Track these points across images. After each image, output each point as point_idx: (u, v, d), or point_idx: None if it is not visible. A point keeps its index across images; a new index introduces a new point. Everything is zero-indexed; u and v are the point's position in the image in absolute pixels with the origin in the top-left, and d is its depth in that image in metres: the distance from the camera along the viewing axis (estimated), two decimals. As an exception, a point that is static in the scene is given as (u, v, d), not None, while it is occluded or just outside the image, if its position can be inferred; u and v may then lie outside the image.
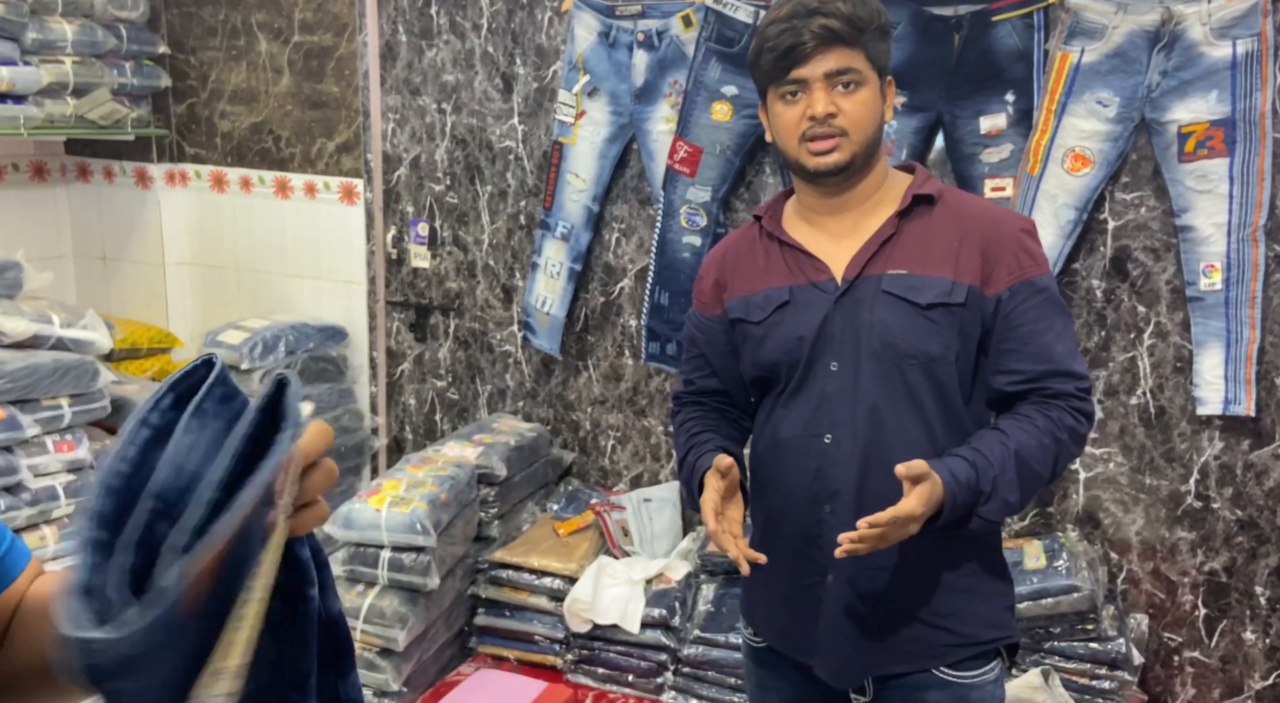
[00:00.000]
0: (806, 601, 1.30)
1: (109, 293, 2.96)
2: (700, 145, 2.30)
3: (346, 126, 2.71)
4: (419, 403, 2.83)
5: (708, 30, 2.24)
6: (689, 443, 1.38)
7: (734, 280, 1.36)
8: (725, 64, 2.24)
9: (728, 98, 2.26)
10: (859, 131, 1.24)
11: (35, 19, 2.39)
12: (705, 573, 2.27)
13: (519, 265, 2.64)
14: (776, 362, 1.30)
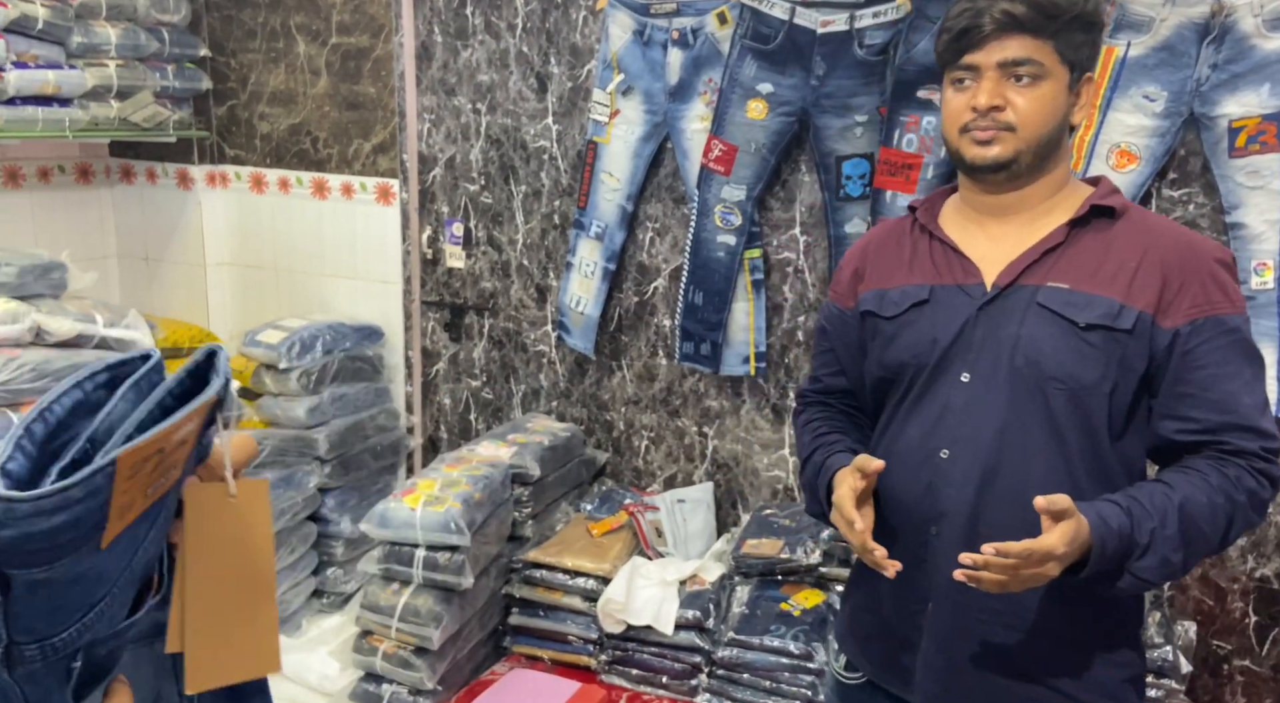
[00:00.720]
0: (906, 628, 1.21)
1: (152, 293, 3.01)
2: (735, 143, 2.28)
3: (383, 127, 2.73)
4: (454, 402, 2.85)
5: (743, 27, 2.23)
6: (815, 443, 1.29)
7: (873, 271, 1.28)
8: (760, 61, 2.22)
9: (763, 95, 2.24)
10: (1029, 129, 1.13)
11: (80, 23, 2.43)
12: (739, 575, 2.25)
13: (553, 265, 2.64)
14: (903, 363, 1.21)
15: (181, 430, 0.51)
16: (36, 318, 2.03)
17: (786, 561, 2.16)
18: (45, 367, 2.00)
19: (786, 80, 2.22)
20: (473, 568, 2.08)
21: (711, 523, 2.49)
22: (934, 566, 1.15)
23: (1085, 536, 1.02)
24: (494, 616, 2.31)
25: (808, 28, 2.18)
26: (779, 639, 2.00)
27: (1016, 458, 1.13)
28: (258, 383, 2.57)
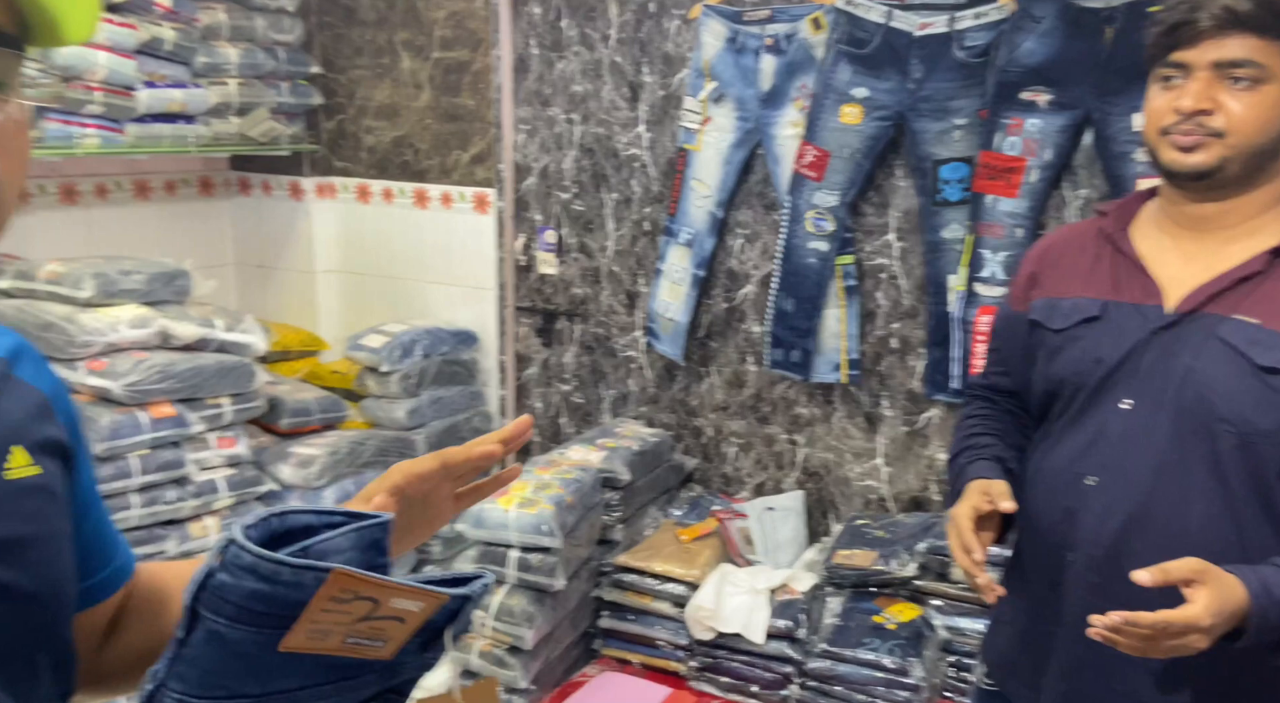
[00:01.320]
0: (1036, 648, 1.17)
1: (265, 299, 3.16)
2: (828, 149, 2.26)
3: (480, 138, 2.81)
4: (545, 406, 2.90)
5: (837, 32, 2.21)
6: (966, 442, 1.25)
7: (1049, 277, 1.21)
8: (855, 65, 2.20)
9: (858, 100, 2.21)
10: (1240, 137, 1.03)
11: (205, 44, 2.58)
12: (831, 585, 2.23)
13: (643, 272, 2.67)
14: (1063, 380, 1.15)
15: (401, 600, 0.52)
16: (163, 322, 2.17)
17: (881, 572, 2.12)
18: (170, 368, 2.13)
19: (882, 84, 2.19)
20: (565, 570, 2.12)
21: (802, 532, 2.47)
22: (1068, 591, 1.11)
23: (1240, 603, 0.93)
24: (585, 618, 2.34)
25: (905, 30, 2.15)
26: (873, 653, 1.97)
27: (1172, 498, 1.05)
28: (361, 385, 2.68)
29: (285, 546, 0.55)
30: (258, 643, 0.51)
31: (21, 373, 0.72)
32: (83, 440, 0.79)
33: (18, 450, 0.67)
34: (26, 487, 0.67)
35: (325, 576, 0.50)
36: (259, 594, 0.50)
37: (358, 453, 2.46)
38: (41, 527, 0.69)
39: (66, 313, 2.07)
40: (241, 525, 0.53)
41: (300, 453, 2.40)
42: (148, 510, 2.10)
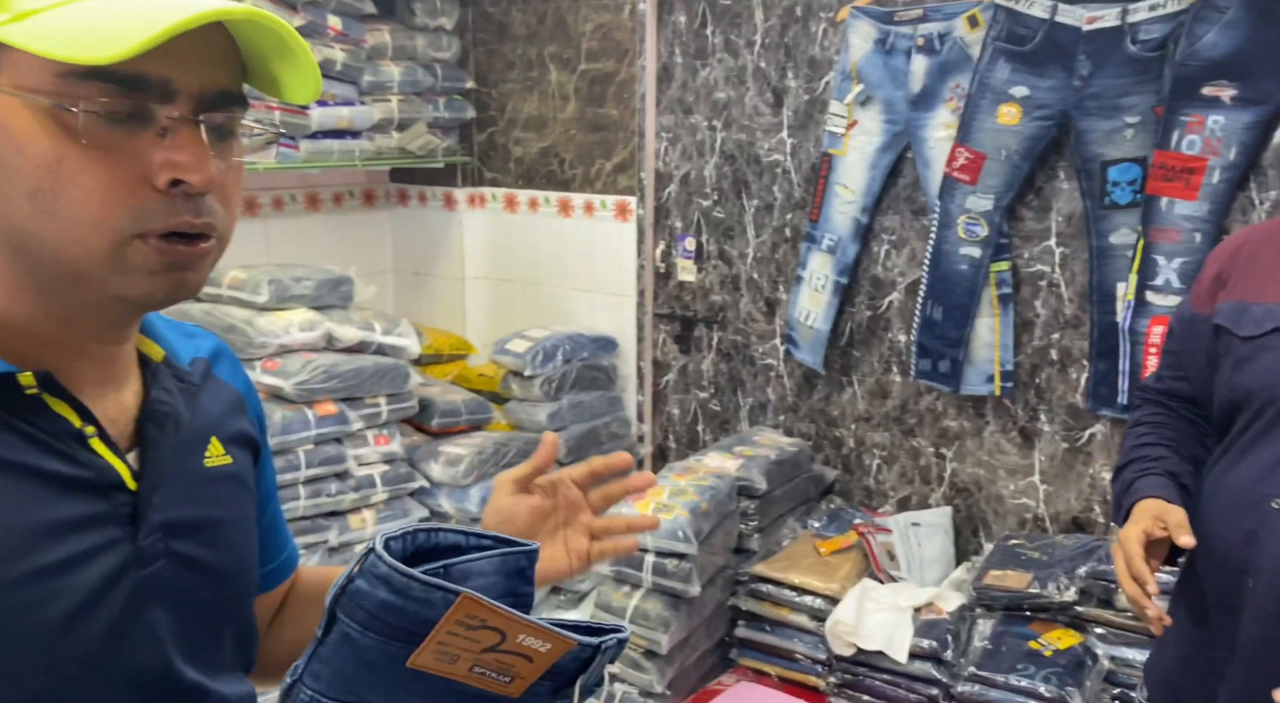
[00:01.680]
0: (1209, 673, 1.10)
1: (419, 304, 3.32)
2: (983, 151, 2.16)
3: (623, 147, 2.85)
4: (682, 413, 2.91)
5: (996, 29, 2.12)
6: (1135, 452, 1.18)
7: (1240, 278, 1.12)
8: (1015, 63, 2.10)
9: (1016, 99, 2.11)
10: None
11: (370, 64, 2.74)
12: (981, 607, 2.13)
13: (783, 279, 2.63)
14: (1251, 392, 1.07)
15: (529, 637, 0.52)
16: (329, 326, 2.31)
17: (1036, 596, 2.01)
18: (334, 369, 2.27)
19: (1044, 82, 2.08)
20: (700, 577, 2.11)
21: (949, 550, 2.37)
22: (1245, 619, 1.02)
23: None
24: (720, 627, 2.33)
25: (1071, 25, 2.03)
26: (1027, 679, 1.86)
27: None
28: (505, 388, 2.77)
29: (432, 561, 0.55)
30: (387, 654, 0.52)
31: (219, 372, 0.80)
32: (266, 438, 0.86)
33: (215, 441, 0.74)
34: (221, 474, 0.74)
35: (454, 598, 0.50)
36: (390, 606, 0.51)
37: (501, 453, 2.54)
38: (232, 511, 0.75)
39: (246, 316, 2.24)
40: (385, 536, 0.54)
41: (449, 452, 2.50)
42: (312, 502, 2.24)
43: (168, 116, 0.59)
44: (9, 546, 0.59)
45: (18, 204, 0.58)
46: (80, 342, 0.65)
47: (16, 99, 0.57)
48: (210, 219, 0.62)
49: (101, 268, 0.59)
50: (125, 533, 0.64)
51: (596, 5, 2.82)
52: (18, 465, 0.60)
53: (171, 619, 0.67)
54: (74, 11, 0.56)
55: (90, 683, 0.62)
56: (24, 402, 0.61)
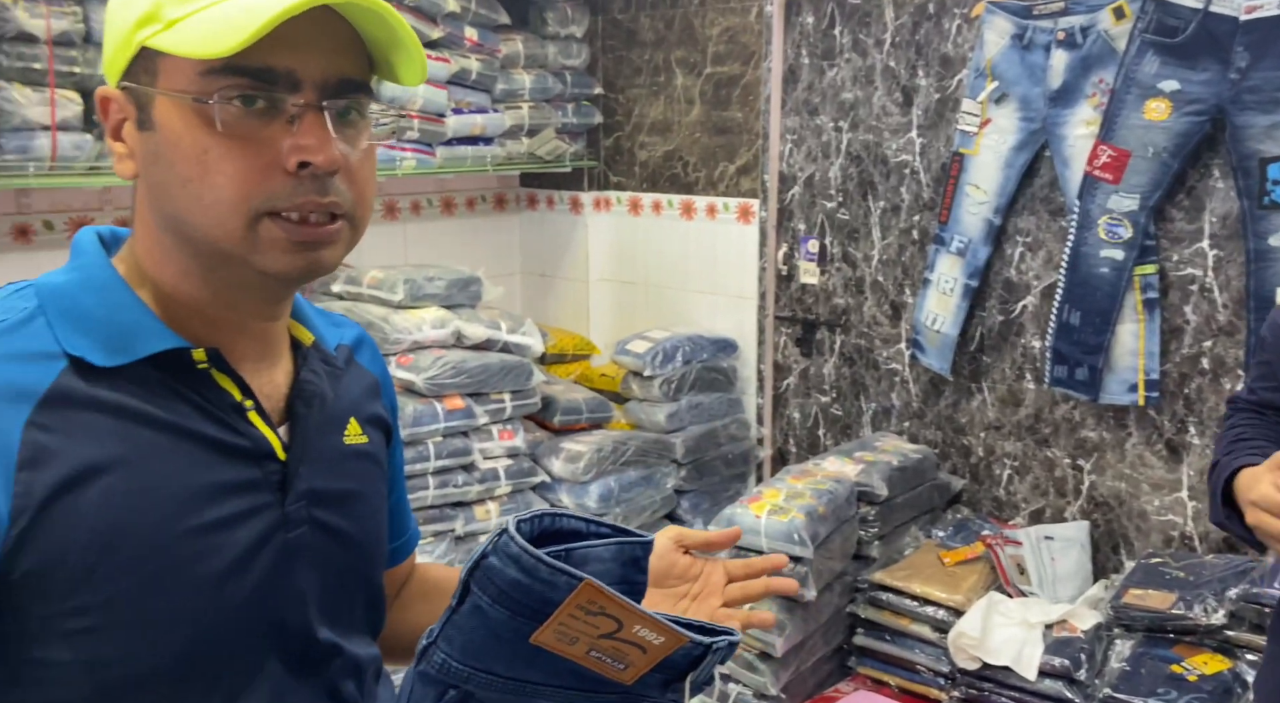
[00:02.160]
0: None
1: (546, 305, 3.42)
2: (1127, 148, 2.06)
3: (747, 150, 2.85)
4: (803, 417, 2.88)
5: (1144, 21, 2.01)
6: (1231, 446, 1.17)
7: None
8: (1165, 56, 1.99)
9: (1166, 94, 2.00)
10: None
11: (503, 72, 2.85)
12: (1120, 626, 2.02)
13: (909, 282, 2.57)
14: None
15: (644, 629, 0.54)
16: (458, 324, 2.41)
17: (1180, 617, 1.89)
18: (462, 365, 2.37)
19: (1197, 76, 1.96)
20: (815, 581, 2.09)
21: (1086, 566, 2.26)
22: None
23: None
24: (838, 633, 2.29)
25: (1228, 15, 1.91)
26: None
27: None
28: (626, 388, 2.81)
29: (555, 545, 0.59)
30: (512, 628, 0.55)
31: (361, 358, 0.87)
32: (398, 423, 0.92)
33: (353, 421, 0.81)
34: (358, 451, 0.80)
35: (577, 583, 0.53)
36: (518, 584, 0.54)
37: (620, 452, 2.59)
38: (367, 486, 0.81)
39: (383, 313, 2.37)
40: (517, 518, 0.58)
41: (569, 449, 2.56)
42: (440, 492, 2.34)
43: (294, 104, 0.64)
44: (178, 503, 0.65)
45: (174, 194, 0.65)
46: (242, 319, 0.71)
47: (170, 99, 0.64)
48: (336, 199, 0.67)
49: (240, 245, 0.65)
50: (274, 499, 0.71)
51: (724, 9, 2.83)
52: (188, 431, 0.67)
53: (312, 581, 0.73)
54: (209, 15, 0.62)
55: (237, 636, 0.68)
56: (195, 375, 0.68)
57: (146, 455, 0.65)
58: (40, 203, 2.27)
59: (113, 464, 0.63)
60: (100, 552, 0.62)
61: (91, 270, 0.69)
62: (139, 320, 0.67)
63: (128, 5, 0.65)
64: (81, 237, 0.72)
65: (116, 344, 0.66)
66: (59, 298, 0.67)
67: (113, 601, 0.63)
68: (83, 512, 0.62)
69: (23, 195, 2.23)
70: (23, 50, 1.89)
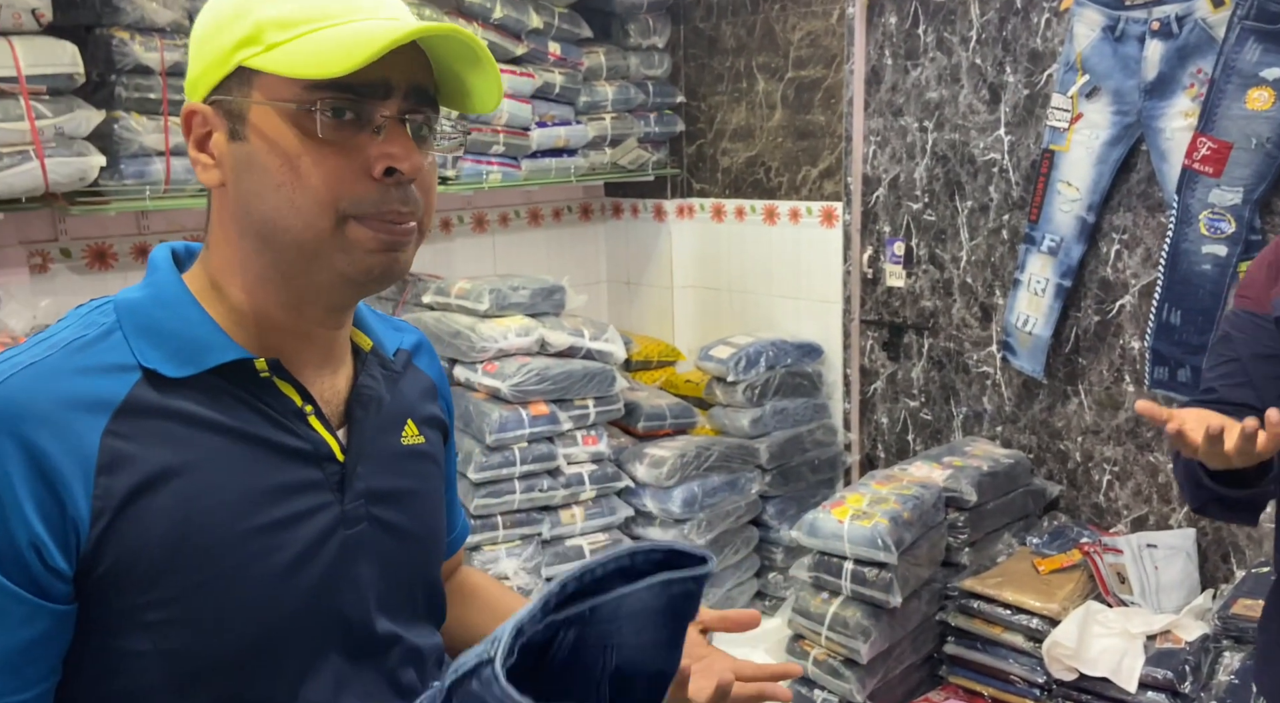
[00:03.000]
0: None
1: (631, 312, 3.46)
2: (1229, 140, 1.97)
3: (830, 153, 2.84)
4: (891, 422, 2.83)
5: (1244, 7, 1.92)
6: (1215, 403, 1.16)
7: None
8: (1267, 43, 1.90)
9: (1269, 83, 1.91)
10: None
11: (586, 85, 2.91)
12: (1228, 639, 1.92)
13: (999, 283, 2.51)
14: None
15: None
16: (542, 332, 2.47)
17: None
18: (546, 372, 2.42)
19: (1304, 59, 1.87)
20: (901, 587, 2.06)
21: (1192, 575, 2.16)
22: None
23: None
24: (928, 641, 2.25)
25: (1336, -7, 1.81)
26: (1276, 724, 1.66)
27: None
28: (710, 394, 2.82)
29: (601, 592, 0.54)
30: None
31: (419, 362, 0.91)
32: (453, 424, 0.96)
33: (410, 423, 0.85)
34: (415, 452, 0.85)
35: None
36: None
37: (704, 457, 2.60)
38: (424, 483, 0.85)
39: (470, 323, 2.45)
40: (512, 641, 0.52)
41: (653, 454, 2.59)
42: (526, 496, 2.40)
43: (381, 116, 0.70)
44: (244, 503, 0.71)
45: (266, 198, 0.71)
46: (308, 327, 0.76)
47: (269, 109, 0.70)
48: (414, 207, 0.72)
49: (329, 245, 0.70)
50: (334, 498, 0.75)
51: (805, 13, 2.83)
52: (253, 436, 0.72)
53: (372, 575, 0.78)
54: (309, 41, 0.69)
55: (302, 628, 0.73)
56: (259, 383, 0.73)
57: (214, 460, 0.70)
58: (157, 224, 2.44)
59: (183, 468, 0.69)
60: (173, 549, 0.67)
61: (163, 287, 0.74)
62: (206, 333, 0.72)
63: (223, 29, 0.72)
64: (156, 254, 0.78)
65: (186, 356, 0.71)
66: (134, 313, 0.72)
67: (185, 594, 0.68)
68: (157, 513, 0.67)
69: (142, 217, 2.41)
70: (139, 82, 2.04)
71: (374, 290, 0.76)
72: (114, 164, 2.04)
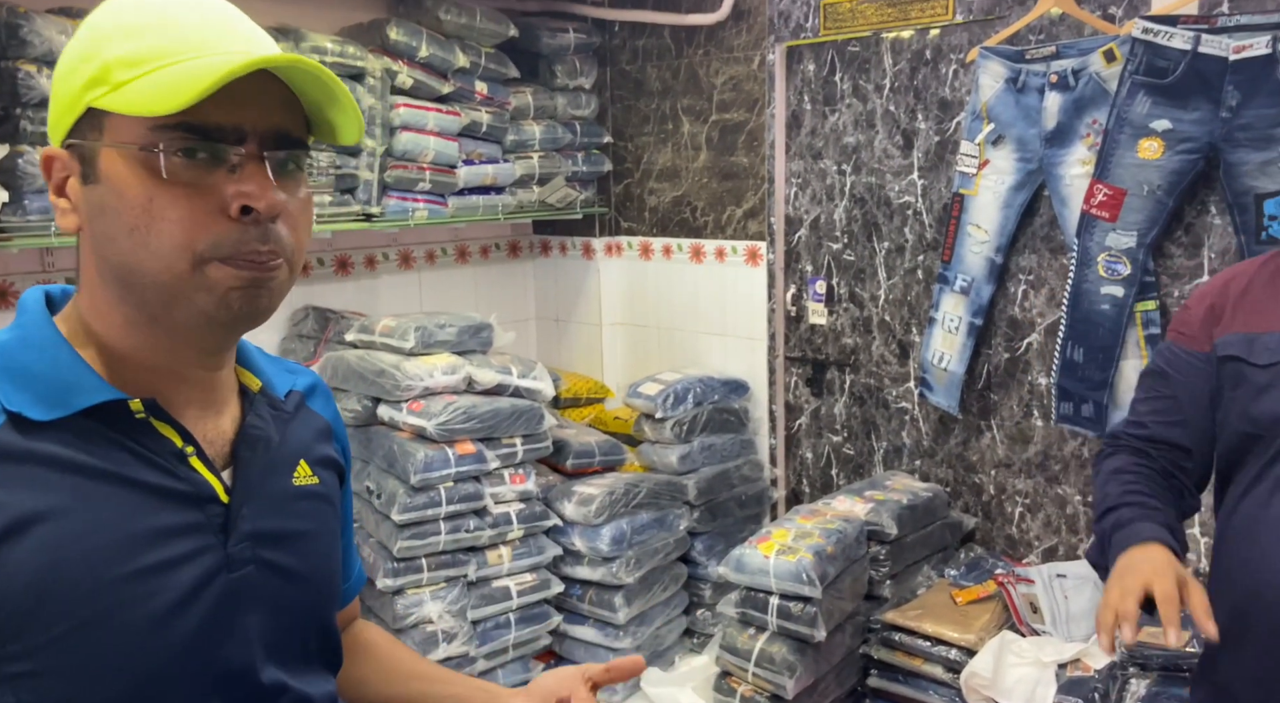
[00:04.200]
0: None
1: (560, 349, 3.47)
2: (1123, 187, 2.08)
3: (753, 194, 2.91)
4: (815, 457, 2.89)
5: (1134, 63, 2.05)
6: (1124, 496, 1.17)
7: (1237, 312, 1.15)
8: (1156, 97, 2.02)
9: (1158, 133, 2.03)
10: None
11: (514, 124, 2.93)
12: (1134, 666, 1.99)
13: (915, 321, 2.60)
14: (1278, 419, 1.08)
15: None
16: (469, 370, 2.46)
17: (1195, 656, 1.87)
18: (473, 410, 2.41)
19: (1189, 115, 1.99)
20: (825, 621, 2.09)
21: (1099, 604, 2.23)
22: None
23: None
24: (852, 675, 2.28)
25: (1217, 56, 1.95)
26: (1179, 747, 1.73)
27: None
28: (638, 430, 2.84)
29: None
30: None
31: (313, 404, 0.90)
32: (350, 466, 0.95)
33: (303, 463, 0.84)
34: (308, 493, 0.83)
35: None
36: None
37: (632, 494, 2.61)
38: (317, 524, 0.84)
39: (394, 361, 2.42)
40: None
41: (582, 492, 2.59)
42: (452, 537, 2.37)
43: (236, 154, 0.69)
44: (115, 547, 0.69)
45: (120, 243, 0.69)
46: (183, 368, 0.75)
47: (116, 152, 0.68)
48: (275, 246, 0.71)
49: (188, 286, 0.69)
50: (217, 541, 0.74)
51: (727, 58, 2.91)
52: (127, 479, 0.70)
53: (259, 621, 0.76)
54: (155, 77, 0.67)
55: (180, 678, 0.71)
56: (134, 424, 0.72)
57: (84, 503, 0.68)
58: (63, 261, 2.36)
59: (50, 513, 0.66)
60: (37, 598, 0.65)
61: (31, 328, 0.72)
62: (76, 375, 0.70)
63: (74, 71, 0.70)
64: (27, 296, 0.76)
65: (54, 399, 0.69)
66: (1, 356, 0.71)
67: (52, 644, 0.65)
68: (20, 560, 0.65)
69: (46, 254, 2.33)
70: (45, 116, 1.99)
71: (242, 330, 0.74)
72: (17, 199, 1.97)
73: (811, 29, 2.67)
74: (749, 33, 2.83)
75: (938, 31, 2.47)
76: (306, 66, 0.68)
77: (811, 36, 2.68)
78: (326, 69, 0.69)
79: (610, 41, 3.18)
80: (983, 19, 2.37)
